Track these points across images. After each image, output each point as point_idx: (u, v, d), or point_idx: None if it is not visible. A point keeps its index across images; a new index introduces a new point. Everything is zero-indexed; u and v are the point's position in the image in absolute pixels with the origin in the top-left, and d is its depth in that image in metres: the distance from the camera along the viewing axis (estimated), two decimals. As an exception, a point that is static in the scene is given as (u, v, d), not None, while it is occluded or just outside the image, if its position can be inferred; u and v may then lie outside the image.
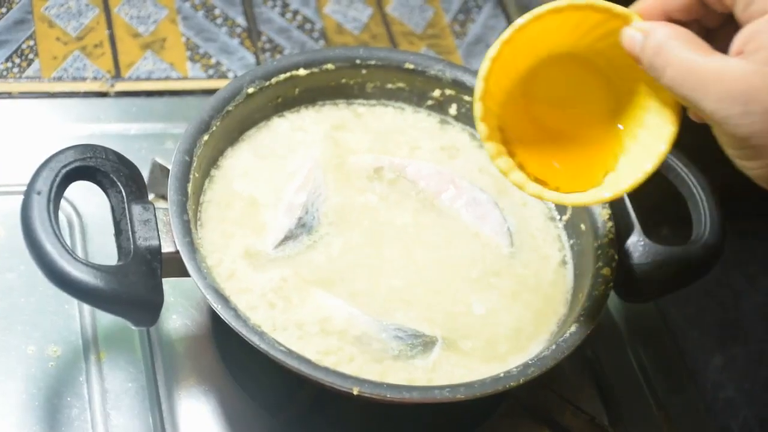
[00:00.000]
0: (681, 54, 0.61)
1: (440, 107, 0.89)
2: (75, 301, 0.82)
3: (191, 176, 0.77)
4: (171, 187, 0.75)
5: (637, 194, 0.84)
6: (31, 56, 0.98)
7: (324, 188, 0.83)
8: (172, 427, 0.78)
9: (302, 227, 0.80)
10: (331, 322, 0.76)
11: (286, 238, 0.79)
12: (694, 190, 0.84)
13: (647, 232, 0.83)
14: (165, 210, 0.75)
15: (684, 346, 0.97)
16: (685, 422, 0.89)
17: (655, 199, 0.93)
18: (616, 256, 0.79)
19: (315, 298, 0.77)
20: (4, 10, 1.00)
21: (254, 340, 0.70)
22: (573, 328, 0.75)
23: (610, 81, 0.69)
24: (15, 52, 0.98)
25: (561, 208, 0.86)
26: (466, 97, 0.88)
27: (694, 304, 1.13)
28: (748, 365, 1.14)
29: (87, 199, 0.87)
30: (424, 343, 0.76)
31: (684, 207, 0.86)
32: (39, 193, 0.71)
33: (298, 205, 0.81)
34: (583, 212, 0.82)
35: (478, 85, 0.67)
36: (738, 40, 0.60)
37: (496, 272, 0.81)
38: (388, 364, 0.75)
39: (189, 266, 0.72)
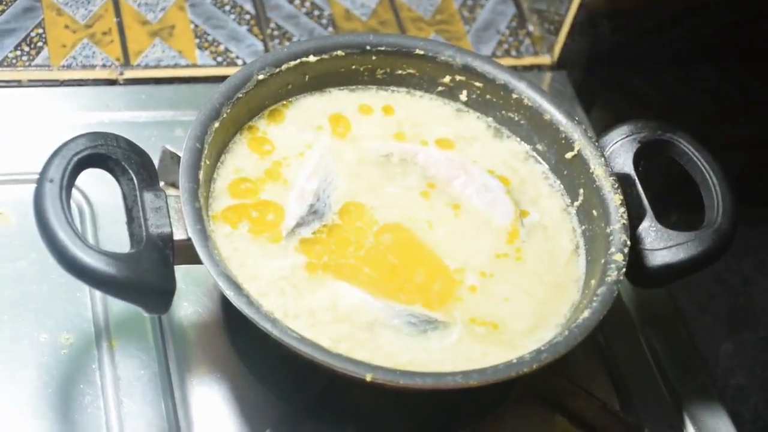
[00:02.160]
0: None
1: (450, 93, 0.89)
2: (87, 289, 0.82)
3: (202, 163, 0.77)
4: (182, 174, 0.75)
5: (648, 179, 0.84)
6: (39, 44, 0.98)
7: (335, 175, 0.83)
8: (184, 413, 0.78)
9: (314, 214, 0.80)
10: (343, 309, 0.76)
11: (298, 225, 0.79)
12: (707, 175, 0.84)
13: (658, 217, 0.83)
14: (176, 197, 0.75)
15: (695, 332, 0.97)
16: (696, 408, 0.88)
17: (667, 184, 0.93)
18: (628, 242, 0.79)
19: (327, 284, 0.77)
20: (12, -3, 1.00)
21: (267, 327, 0.70)
22: (586, 314, 0.75)
23: None
24: (24, 40, 0.98)
25: (573, 194, 0.85)
26: (477, 83, 0.88)
27: (705, 291, 1.12)
28: (758, 351, 1.14)
29: (97, 187, 0.87)
30: (436, 329, 0.76)
31: (696, 192, 0.85)
32: (51, 181, 0.71)
33: (310, 192, 0.80)
34: (595, 198, 0.82)
35: None
36: None
37: (508, 258, 0.81)
38: (400, 349, 0.75)
39: (201, 253, 0.72)
